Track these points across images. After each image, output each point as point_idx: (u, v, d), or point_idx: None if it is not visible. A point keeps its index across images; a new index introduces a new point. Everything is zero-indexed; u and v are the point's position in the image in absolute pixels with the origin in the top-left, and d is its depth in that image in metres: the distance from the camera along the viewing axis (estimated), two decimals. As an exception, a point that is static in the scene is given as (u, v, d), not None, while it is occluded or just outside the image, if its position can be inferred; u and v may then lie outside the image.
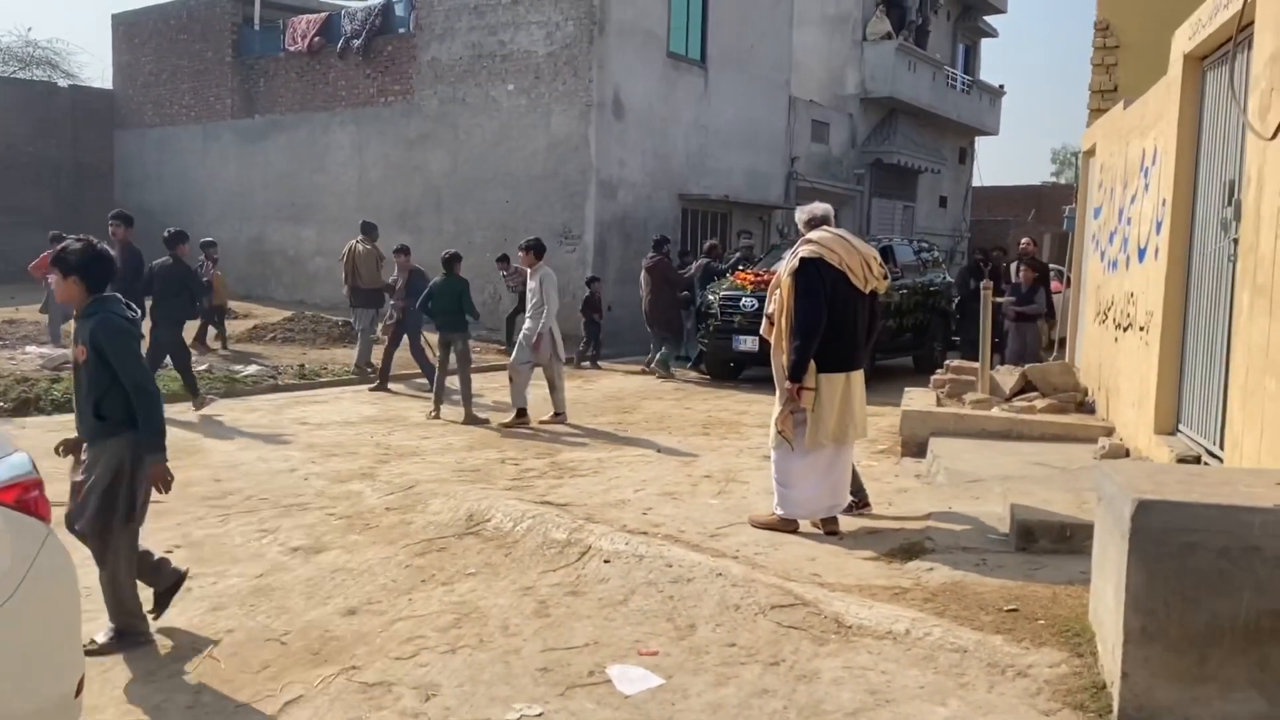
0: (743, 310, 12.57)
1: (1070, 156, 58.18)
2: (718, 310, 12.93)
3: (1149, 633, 3.29)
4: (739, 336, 12.53)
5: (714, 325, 12.95)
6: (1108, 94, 10.72)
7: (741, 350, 12.61)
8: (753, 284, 12.69)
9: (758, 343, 11.63)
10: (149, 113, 24.85)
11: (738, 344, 12.56)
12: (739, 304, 12.68)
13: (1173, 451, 5.78)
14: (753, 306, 12.22)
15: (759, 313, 11.78)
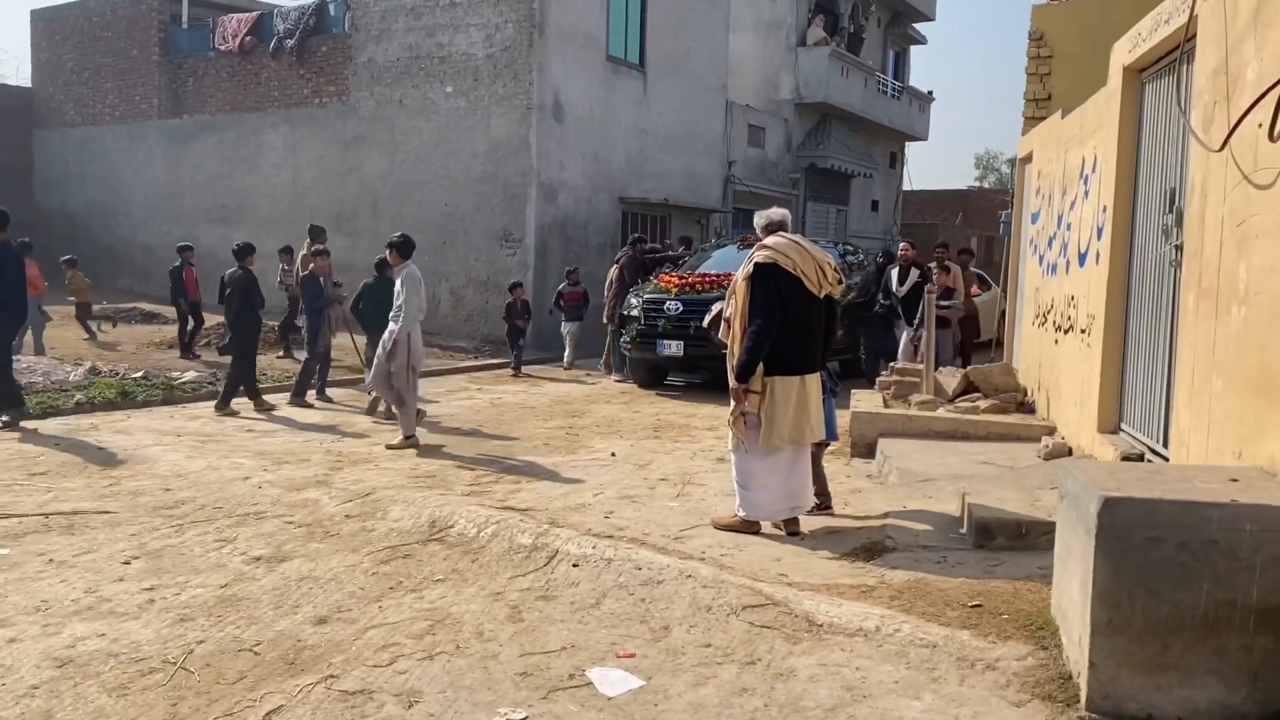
0: (667, 314, 12.17)
1: (993, 161, 59.61)
2: (640, 314, 12.49)
3: (1114, 624, 3.42)
4: (663, 341, 12.15)
5: (637, 330, 12.52)
6: (1042, 102, 11.05)
7: (666, 355, 12.24)
8: (677, 286, 12.38)
9: (683, 347, 11.80)
10: (70, 112, 24.18)
11: (662, 349, 12.17)
12: (663, 307, 12.25)
13: (1117, 450, 5.99)
14: (677, 310, 12.01)
15: (684, 316, 11.81)
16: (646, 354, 12.47)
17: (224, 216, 21.39)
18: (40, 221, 22.83)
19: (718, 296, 10.81)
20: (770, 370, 5.52)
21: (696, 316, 11.13)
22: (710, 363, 11.84)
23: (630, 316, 12.69)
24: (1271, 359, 3.84)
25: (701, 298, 11.81)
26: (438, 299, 18.61)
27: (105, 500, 6.47)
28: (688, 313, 11.86)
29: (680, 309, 12.01)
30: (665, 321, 12.13)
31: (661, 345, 12.14)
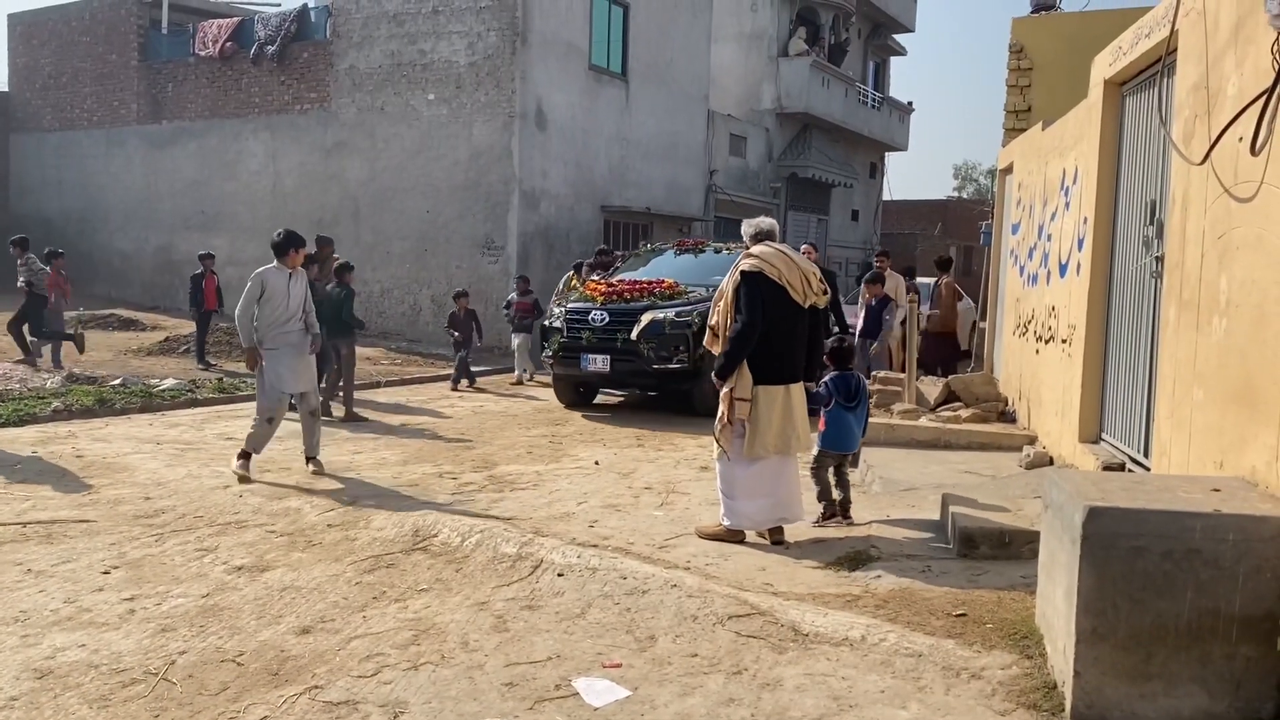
0: (592, 325, 10.95)
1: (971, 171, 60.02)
2: (563, 325, 11.18)
3: (1099, 633, 3.45)
4: (588, 355, 10.88)
5: (559, 344, 11.15)
6: (1022, 114, 11.14)
7: (591, 371, 10.98)
8: (604, 295, 11.19)
9: (609, 362, 10.71)
10: (48, 116, 23.99)
11: (586, 364, 10.90)
12: (588, 318, 11.01)
13: (1098, 459, 6.04)
14: (602, 320, 10.90)
15: (611, 328, 10.75)
16: (569, 370, 11.18)
17: (203, 223, 21.26)
18: (16, 227, 22.57)
19: (648, 306, 10.73)
20: (754, 379, 5.54)
21: (625, 328, 10.64)
22: (641, 379, 11.12)
23: (551, 328, 11.38)
24: (1253, 370, 3.88)
25: (631, 307, 10.86)
26: (419, 306, 18.55)
27: (84, 509, 6.41)
28: (615, 324, 10.81)
29: (606, 320, 10.87)
30: (590, 334, 10.90)
31: (585, 360, 10.87)
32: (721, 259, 11.74)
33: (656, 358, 10.51)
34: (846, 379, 6.16)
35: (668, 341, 10.51)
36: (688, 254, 12.57)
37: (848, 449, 6.16)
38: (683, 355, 10.43)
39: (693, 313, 10.50)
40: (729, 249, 12.09)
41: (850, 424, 6.12)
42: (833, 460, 6.13)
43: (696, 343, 9.91)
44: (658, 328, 10.52)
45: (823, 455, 6.13)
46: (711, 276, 10.86)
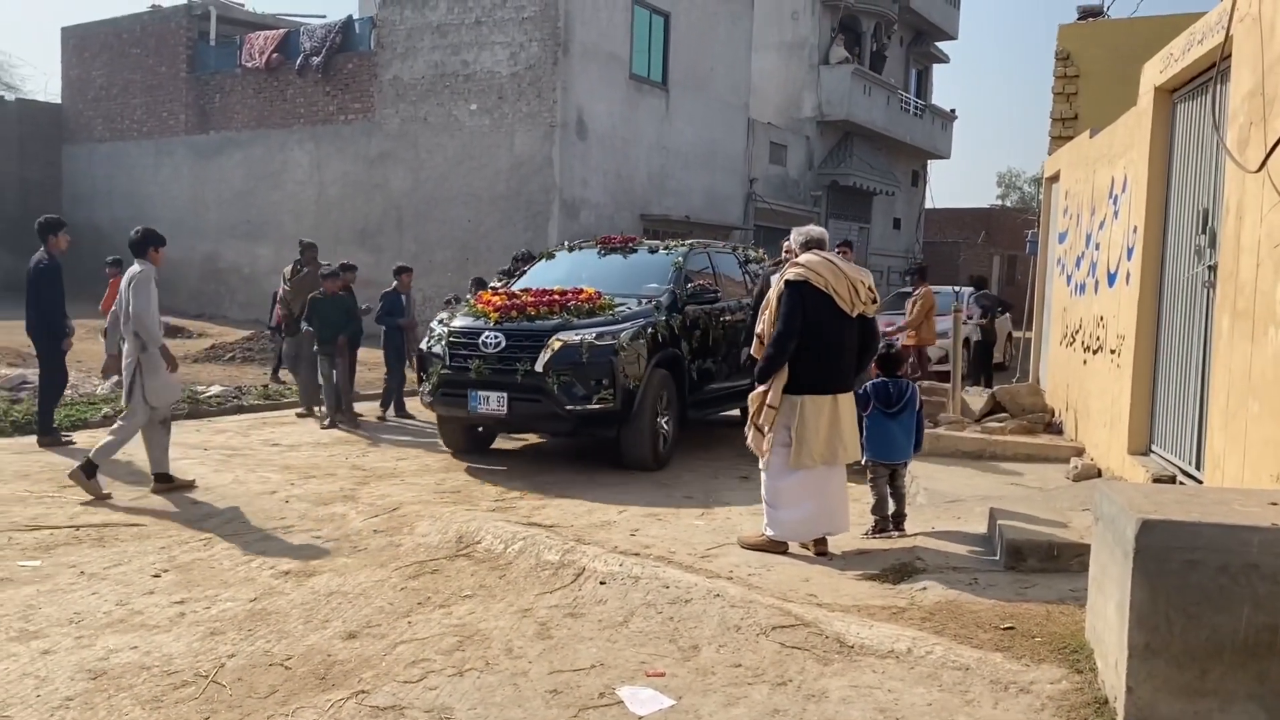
0: (483, 351, 7.98)
1: (1015, 179, 59.46)
2: (444, 351, 8.24)
3: (1152, 648, 3.39)
4: (477, 393, 7.91)
5: (439, 376, 8.18)
6: (1068, 121, 11.03)
7: (482, 413, 7.99)
8: (500, 310, 8.25)
9: (506, 401, 7.86)
10: (99, 127, 24.47)
11: (475, 404, 7.93)
12: (478, 342, 8.04)
13: (1148, 472, 5.94)
14: (498, 345, 7.96)
15: (510, 355, 7.91)
16: (453, 410, 8.25)
17: (248, 232, 21.58)
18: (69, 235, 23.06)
19: (559, 325, 7.95)
20: (801, 389, 5.48)
21: (528, 355, 7.82)
22: (550, 424, 8.28)
23: (430, 354, 8.42)
24: (1311, 381, 3.80)
25: (536, 327, 8.01)
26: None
27: (134, 513, 6.51)
28: (515, 349, 7.93)
29: (503, 344, 7.93)
30: (480, 363, 7.95)
31: (475, 399, 7.93)
32: (659, 261, 9.29)
33: (571, 396, 7.76)
34: (886, 385, 6.08)
35: (586, 373, 7.74)
36: (615, 254, 9.75)
37: (895, 458, 6.07)
38: (607, 392, 7.74)
39: (621, 333, 7.89)
40: (668, 248, 9.60)
41: (894, 432, 6.03)
42: (885, 470, 6.05)
43: (629, 374, 7.84)
44: (572, 355, 7.76)
45: (874, 465, 6.05)
46: (645, 284, 8.81)
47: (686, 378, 8.59)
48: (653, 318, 8.25)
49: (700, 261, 9.55)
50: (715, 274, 9.60)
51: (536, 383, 7.80)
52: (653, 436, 8.16)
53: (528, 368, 7.82)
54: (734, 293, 9.73)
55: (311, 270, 11.45)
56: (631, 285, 8.86)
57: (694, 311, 8.78)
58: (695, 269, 9.32)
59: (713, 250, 10.12)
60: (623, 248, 9.84)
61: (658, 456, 8.24)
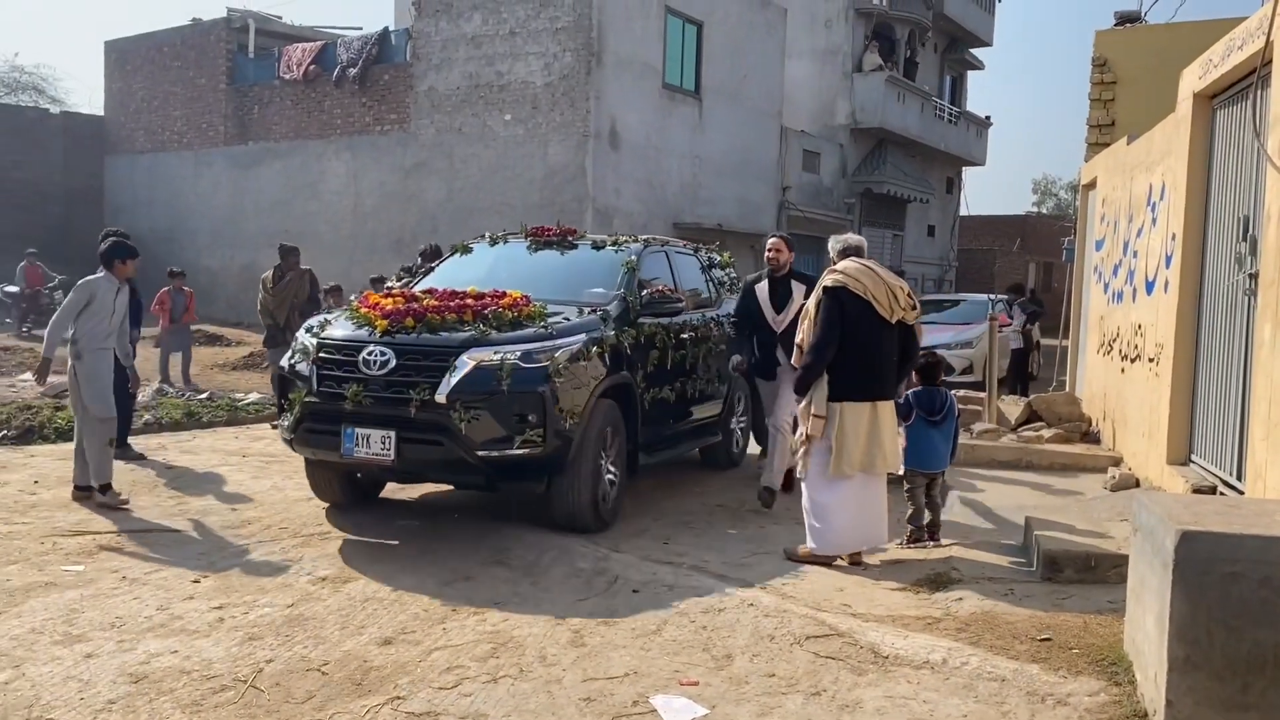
0: (365, 372, 5.87)
1: (1050, 186, 58.94)
2: (312, 373, 6.07)
3: (1192, 661, 3.35)
4: (354, 430, 5.82)
5: (303, 404, 6.03)
6: (1105, 128, 10.93)
7: (361, 458, 5.85)
8: (389, 317, 6.10)
9: (394, 442, 5.72)
10: (140, 138, 24.87)
11: (351, 444, 5.83)
12: (358, 358, 5.94)
13: (1187, 482, 5.87)
14: (385, 364, 5.84)
15: (400, 377, 5.79)
16: (323, 449, 6.09)
17: (287, 241, 21.82)
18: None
19: (471, 339, 5.86)
20: (840, 396, 5.45)
21: (427, 378, 5.74)
22: (456, 473, 6.19)
23: (294, 373, 6.24)
24: (1355, 391, 3.75)
25: (440, 340, 5.92)
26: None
27: (174, 519, 6.60)
28: (408, 371, 5.84)
29: (391, 363, 5.84)
30: (359, 388, 5.82)
31: (351, 437, 5.82)
32: (606, 260, 7.34)
33: (484, 437, 5.70)
34: (931, 394, 6.04)
35: (507, 406, 5.71)
36: (550, 250, 7.67)
37: (935, 467, 6.03)
38: (534, 432, 5.71)
39: (557, 352, 5.88)
40: (618, 244, 7.59)
41: (935, 441, 5.99)
42: (924, 479, 6.02)
43: (565, 407, 5.82)
44: (488, 380, 5.70)
45: (912, 474, 6.01)
46: (589, 288, 6.93)
47: (639, 411, 6.69)
48: (598, 332, 6.26)
49: (656, 264, 7.67)
50: (675, 279, 7.77)
51: (437, 418, 5.63)
52: (594, 488, 6.16)
53: (425, 396, 5.66)
54: (695, 302, 8.01)
55: (294, 277, 11.12)
56: (570, 290, 6.92)
57: (650, 326, 6.91)
58: (651, 272, 7.47)
59: (672, 250, 8.18)
60: (560, 242, 7.75)
61: (600, 515, 6.25)
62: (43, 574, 5.36)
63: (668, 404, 7.14)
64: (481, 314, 6.12)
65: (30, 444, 9.05)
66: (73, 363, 6.89)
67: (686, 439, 7.75)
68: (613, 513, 6.48)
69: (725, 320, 8.08)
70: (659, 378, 6.99)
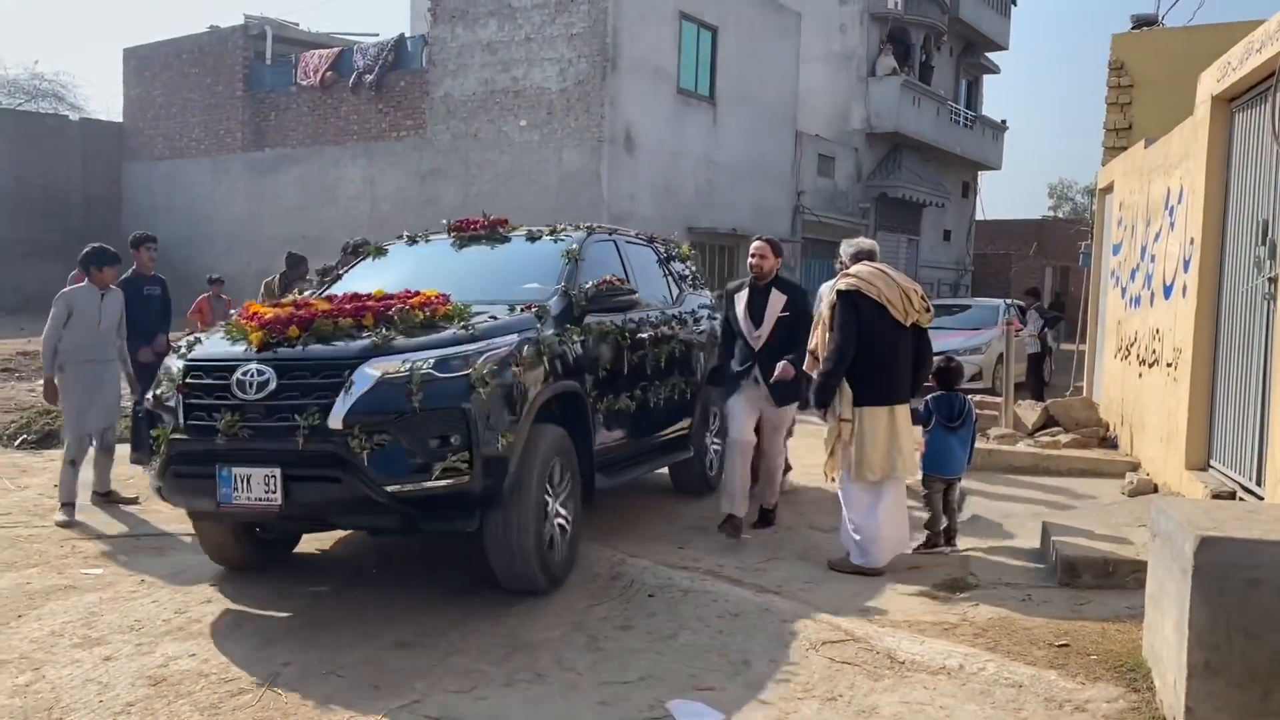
0: (240, 396, 4.73)
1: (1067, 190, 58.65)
2: (179, 402, 4.92)
3: (1212, 668, 3.33)
4: (230, 470, 4.67)
5: (170, 439, 4.88)
6: (1122, 132, 10.89)
7: (241, 503, 4.68)
8: (268, 327, 4.94)
9: (280, 482, 4.60)
10: (159, 145, 25.02)
11: (228, 489, 4.67)
12: (229, 382, 4.78)
13: (1206, 487, 5.83)
14: (265, 385, 4.70)
15: (283, 401, 4.64)
16: (195, 499, 5.02)
17: (303, 247, 21.68)
18: (127, 251, 23.66)
19: (369, 349, 4.75)
20: (858, 400, 5.43)
21: (319, 397, 4.64)
22: (359, 515, 4.96)
23: (159, 404, 5.06)
24: (1376, 396, 3.72)
25: (331, 352, 4.81)
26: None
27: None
28: (293, 391, 4.74)
29: (272, 383, 4.74)
30: (233, 417, 4.69)
31: (228, 480, 4.69)
32: (543, 252, 6.34)
33: (392, 468, 4.59)
34: (950, 399, 6.02)
35: (420, 427, 4.61)
36: (478, 245, 6.68)
37: (952, 473, 6.01)
38: (457, 458, 4.60)
39: (479, 357, 4.79)
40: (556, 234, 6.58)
41: (954, 446, 5.96)
42: (941, 485, 6.00)
43: (495, 424, 4.71)
44: (394, 396, 4.61)
45: (930, 480, 5.98)
46: (522, 285, 5.84)
47: (593, 427, 5.65)
48: (534, 332, 5.16)
49: (604, 255, 6.61)
50: (628, 271, 6.72)
51: (332, 448, 4.51)
52: (538, 532, 4.95)
53: (316, 422, 4.51)
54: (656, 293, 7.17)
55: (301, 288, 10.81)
56: (502, 288, 5.82)
57: (600, 324, 5.86)
58: (598, 265, 6.38)
59: (622, 239, 7.08)
60: (489, 235, 6.73)
61: (549, 567, 5.07)
62: (62, 577, 5.41)
63: (626, 414, 6.14)
64: (385, 316, 4.99)
65: (50, 448, 9.13)
66: (59, 376, 6.73)
67: (652, 456, 6.74)
68: (564, 566, 5.22)
69: (689, 317, 7.25)
70: (614, 384, 6.00)
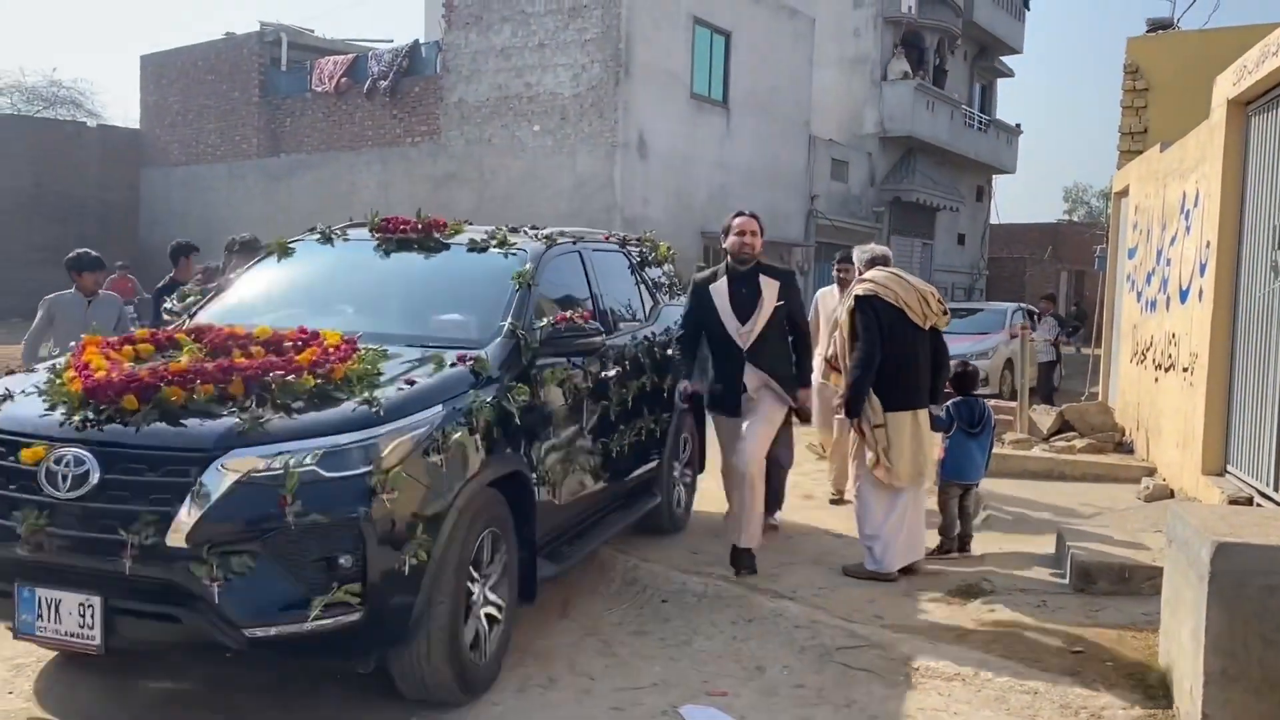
0: (50, 490, 3.36)
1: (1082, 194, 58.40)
2: None
3: (1229, 675, 3.32)
4: (35, 591, 3.39)
5: None
6: (1137, 135, 10.85)
7: (49, 639, 3.47)
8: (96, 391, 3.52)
9: (98, 615, 3.33)
10: (175, 152, 25.19)
11: (31, 617, 3.40)
12: (39, 469, 3.38)
13: (1223, 493, 5.80)
14: (86, 478, 3.34)
15: (113, 497, 3.31)
16: None
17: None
18: (146, 258, 23.80)
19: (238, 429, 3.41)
20: (883, 406, 5.37)
21: (156, 502, 3.33)
22: (211, 653, 3.53)
23: None
24: (1394, 401, 3.70)
25: (180, 439, 3.43)
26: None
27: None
28: (122, 488, 3.36)
29: (94, 476, 3.34)
30: (39, 517, 3.33)
31: (29, 604, 3.40)
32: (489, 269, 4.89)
33: (254, 606, 3.33)
34: (970, 404, 5.99)
35: (295, 549, 3.34)
36: (408, 252, 5.17)
37: (971, 479, 5.97)
38: (348, 591, 3.35)
39: (388, 447, 3.51)
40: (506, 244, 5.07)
41: (973, 452, 5.92)
42: (958, 491, 5.97)
43: (402, 537, 3.50)
44: (259, 504, 3.34)
45: (947, 485, 5.94)
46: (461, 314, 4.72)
47: (536, 504, 4.36)
48: (466, 398, 3.93)
49: (565, 272, 5.31)
50: (595, 290, 5.50)
51: (170, 574, 3.33)
52: (456, 648, 3.76)
53: (149, 538, 3.29)
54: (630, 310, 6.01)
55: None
56: (431, 318, 4.69)
57: (554, 371, 4.60)
58: (557, 286, 5.12)
59: (589, 248, 5.74)
60: (422, 241, 5.15)
61: (468, 678, 3.89)
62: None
63: (583, 478, 4.95)
64: (258, 382, 3.62)
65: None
66: None
67: (611, 519, 5.48)
68: (492, 667, 4.06)
69: (664, 336, 6.04)
70: (569, 448, 4.75)
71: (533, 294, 4.71)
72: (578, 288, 5.39)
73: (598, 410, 5.13)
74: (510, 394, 4.14)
